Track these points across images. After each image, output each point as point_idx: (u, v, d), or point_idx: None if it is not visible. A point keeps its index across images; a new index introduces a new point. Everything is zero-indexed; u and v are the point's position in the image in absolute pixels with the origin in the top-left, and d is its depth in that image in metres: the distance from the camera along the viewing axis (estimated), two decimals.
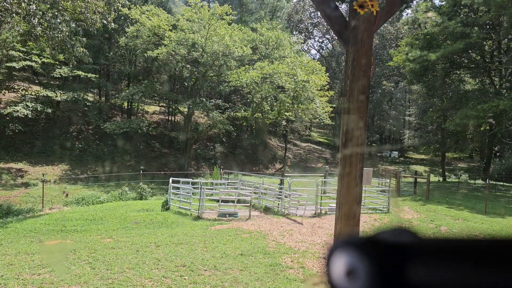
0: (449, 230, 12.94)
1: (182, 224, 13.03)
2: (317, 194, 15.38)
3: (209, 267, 8.56)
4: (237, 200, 15.21)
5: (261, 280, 7.87)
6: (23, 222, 13.10)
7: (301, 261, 9.21)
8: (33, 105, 27.79)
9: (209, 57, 28.97)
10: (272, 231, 12.08)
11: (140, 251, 9.67)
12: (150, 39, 30.35)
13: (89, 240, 10.79)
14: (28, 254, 9.36)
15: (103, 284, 7.47)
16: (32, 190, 22.53)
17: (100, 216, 13.83)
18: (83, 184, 25.53)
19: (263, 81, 29.58)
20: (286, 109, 31.55)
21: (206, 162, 36.43)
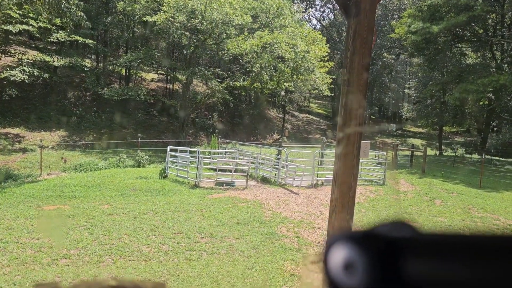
0: (443, 203, 13.11)
1: (179, 192, 13.15)
2: (314, 165, 15.47)
3: (206, 235, 8.70)
4: (234, 169, 15.29)
5: (257, 248, 8.02)
6: (22, 187, 13.19)
7: (297, 230, 9.36)
8: (30, 69, 27.46)
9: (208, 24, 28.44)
10: (269, 200, 12.22)
11: (137, 217, 9.80)
12: (149, 5, 29.71)
13: (87, 206, 10.90)
14: (27, 218, 9.47)
15: (101, 249, 7.60)
16: (30, 156, 22.57)
17: (98, 182, 13.93)
18: (81, 151, 25.57)
19: (262, 50, 29.19)
20: (286, 80, 31.29)
21: (204, 131, 36.42)
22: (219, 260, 7.34)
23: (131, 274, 6.54)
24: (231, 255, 7.62)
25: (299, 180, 14.59)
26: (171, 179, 15.11)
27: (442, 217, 11.29)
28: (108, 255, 7.35)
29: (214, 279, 6.49)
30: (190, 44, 31.30)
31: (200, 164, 14.56)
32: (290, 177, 15.28)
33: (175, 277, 6.50)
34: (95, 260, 7.08)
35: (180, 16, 27.74)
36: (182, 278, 6.48)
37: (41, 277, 6.30)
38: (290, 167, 15.63)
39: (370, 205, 12.51)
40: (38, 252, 7.34)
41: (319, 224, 9.90)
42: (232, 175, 14.88)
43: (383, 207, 12.24)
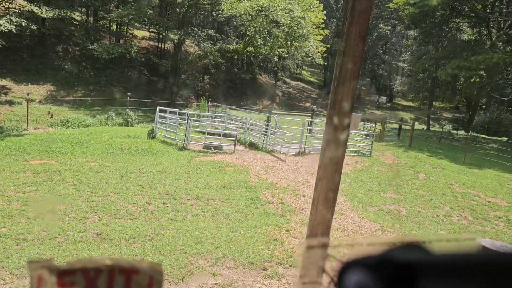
0: (426, 177, 13.37)
1: (167, 153, 13.16)
2: (302, 134, 15.54)
3: (192, 197, 8.79)
4: (223, 133, 15.30)
5: (241, 212, 8.15)
6: (7, 140, 13.06)
7: (281, 197, 9.50)
8: (17, 20, 26.57)
9: None
10: (255, 166, 12.32)
11: (124, 176, 9.83)
12: None
13: (74, 162, 10.88)
14: (13, 172, 9.44)
15: (87, 206, 7.65)
16: (17, 109, 22.24)
17: (86, 139, 13.83)
18: (69, 107, 25.24)
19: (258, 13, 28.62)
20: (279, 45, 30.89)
21: (194, 93, 36.08)
22: (204, 222, 7.46)
23: (117, 231, 6.62)
24: (216, 218, 7.74)
25: (286, 148, 14.68)
26: (159, 140, 15.08)
27: (424, 191, 11.54)
28: (94, 212, 7.40)
29: (199, 240, 6.61)
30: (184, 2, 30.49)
31: (188, 127, 14.51)
32: (278, 144, 15.36)
33: (160, 236, 6.61)
34: (81, 216, 7.14)
35: None
36: (166, 238, 6.59)
37: (27, 231, 6.34)
38: (278, 134, 15.68)
39: (355, 175, 12.70)
40: (24, 206, 7.36)
41: (304, 192, 10.05)
42: (221, 139, 14.89)
43: (367, 178, 12.44)
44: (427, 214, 9.46)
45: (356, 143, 17.76)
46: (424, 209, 9.79)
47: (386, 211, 9.36)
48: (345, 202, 9.69)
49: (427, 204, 10.23)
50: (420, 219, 9.05)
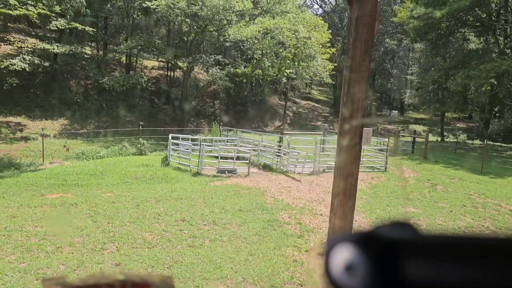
0: (444, 189, 13.14)
1: (181, 179, 13.19)
2: (315, 152, 15.48)
3: (208, 222, 8.75)
4: (236, 157, 15.31)
5: (259, 235, 8.07)
6: (24, 175, 13.25)
7: (298, 217, 9.40)
8: (30, 58, 27.37)
9: (209, 11, 28.22)
10: (271, 187, 12.26)
11: (140, 205, 9.85)
12: None
13: (90, 194, 10.96)
14: (30, 207, 9.53)
15: (104, 236, 7.66)
16: (32, 144, 22.63)
17: (101, 170, 13.97)
18: (83, 139, 25.61)
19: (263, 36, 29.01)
20: (287, 66, 31.14)
21: (205, 119, 36.38)
22: (222, 247, 7.40)
23: (135, 261, 6.60)
24: (234, 242, 7.67)
25: (300, 167, 14.61)
26: (173, 167, 15.15)
27: (443, 203, 11.32)
28: (112, 242, 7.40)
29: (217, 266, 6.54)
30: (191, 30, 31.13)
31: (202, 152, 14.58)
32: (292, 164, 15.30)
33: (178, 264, 6.56)
34: (99, 247, 7.14)
35: (180, 2, 27.52)
36: (185, 265, 6.54)
37: (46, 265, 6.36)
38: (292, 154, 15.64)
39: (372, 191, 12.54)
40: (42, 240, 7.40)
41: (321, 211, 9.94)
42: (234, 162, 14.90)
43: (384, 194, 12.27)
44: (448, 226, 9.26)
45: (371, 159, 17.61)
46: (444, 222, 9.59)
47: None
48: (363, 219, 9.54)
49: (447, 216, 10.02)
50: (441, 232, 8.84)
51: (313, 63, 30.68)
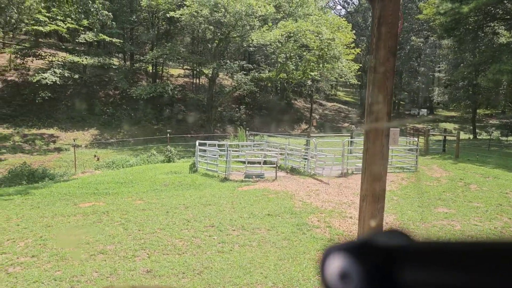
0: (478, 188, 12.73)
1: (209, 185, 13.28)
2: (343, 154, 15.30)
3: (237, 227, 8.76)
4: (263, 161, 15.31)
5: (288, 239, 8.02)
6: (57, 185, 13.64)
7: (328, 220, 9.30)
8: (60, 71, 28.26)
9: (232, 17, 28.43)
10: (299, 191, 12.18)
11: (170, 212, 9.96)
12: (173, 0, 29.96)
13: (121, 202, 11.16)
14: (64, 216, 9.79)
15: (136, 244, 7.78)
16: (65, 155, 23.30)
17: (131, 179, 14.23)
18: (113, 148, 26.17)
19: (287, 40, 28.97)
20: (311, 69, 30.98)
21: (231, 124, 36.58)
22: (251, 252, 7.39)
23: (166, 267, 6.67)
24: (263, 247, 7.65)
25: (328, 170, 14.47)
26: (201, 173, 15.28)
27: (478, 202, 10.97)
28: (143, 249, 7.51)
29: (247, 271, 6.53)
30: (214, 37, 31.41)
31: (229, 157, 14.64)
32: (319, 167, 15.17)
33: (208, 270, 6.59)
34: (130, 254, 7.25)
35: (204, 10, 27.83)
36: (215, 270, 6.55)
37: (80, 272, 6.50)
38: (319, 157, 15.51)
39: (402, 192, 12.28)
40: (76, 248, 7.58)
41: (351, 214, 9.80)
42: (261, 166, 14.90)
43: (415, 194, 11.99)
44: (483, 227, 8.95)
45: (401, 159, 17.27)
46: (480, 222, 9.28)
47: (439, 227, 8.93)
48: (395, 220, 9.34)
49: (483, 216, 9.69)
50: (477, 232, 8.57)
51: (337, 64, 30.40)
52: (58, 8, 27.39)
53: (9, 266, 6.85)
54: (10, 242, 8.02)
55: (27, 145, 25.44)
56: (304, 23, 28.26)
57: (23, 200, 11.65)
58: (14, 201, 11.61)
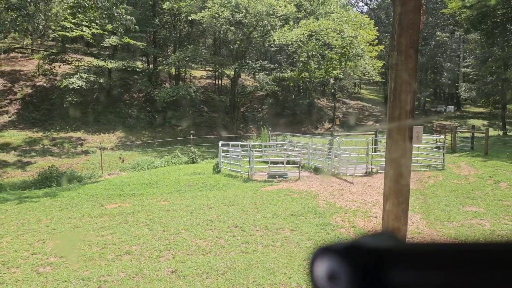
0: (509, 186, 12.35)
1: (233, 186, 13.32)
2: (367, 153, 15.10)
3: (261, 227, 8.75)
4: (286, 161, 15.26)
5: (312, 240, 7.97)
6: (85, 187, 13.95)
7: (352, 220, 9.19)
8: (86, 75, 28.91)
9: (253, 17, 28.47)
10: (322, 191, 12.09)
11: (194, 213, 10.04)
12: (194, 3, 30.22)
13: (146, 203, 11.33)
14: (91, 217, 10.00)
15: (160, 244, 7.88)
16: (92, 157, 23.81)
17: (155, 180, 14.42)
18: (138, 150, 26.59)
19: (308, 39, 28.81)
20: (334, 67, 30.71)
21: (254, 124, 36.63)
22: (275, 252, 7.37)
23: (190, 268, 6.72)
24: (287, 247, 7.62)
25: (352, 169, 14.30)
26: (224, 174, 15.34)
27: (508, 201, 10.64)
28: (168, 250, 7.59)
29: (271, 271, 6.52)
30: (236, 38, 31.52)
31: (252, 158, 14.66)
32: (343, 166, 15.02)
33: (232, 270, 6.61)
34: (155, 255, 7.34)
35: (225, 11, 27.96)
36: (239, 271, 6.57)
37: (107, 272, 6.62)
38: (343, 156, 15.35)
39: (429, 191, 12.03)
40: (103, 249, 7.73)
41: (376, 213, 9.66)
42: (284, 166, 14.85)
43: (443, 193, 11.73)
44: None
45: (427, 157, 16.92)
46: (510, 221, 9.00)
47: (468, 226, 8.71)
48: (421, 220, 9.16)
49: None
50: (508, 232, 8.31)
51: (360, 62, 30.04)
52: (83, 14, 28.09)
53: (39, 266, 7.04)
54: (40, 242, 8.24)
55: (55, 148, 26.12)
56: (325, 21, 28.04)
57: (52, 202, 11.96)
58: (44, 203, 11.93)
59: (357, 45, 28.57)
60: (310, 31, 28.12)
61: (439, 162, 15.92)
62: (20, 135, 27.16)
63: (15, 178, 18.80)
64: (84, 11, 22.10)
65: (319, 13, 32.94)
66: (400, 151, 2.83)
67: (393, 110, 2.97)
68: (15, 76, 32.19)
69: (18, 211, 10.91)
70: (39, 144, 26.30)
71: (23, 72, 32.87)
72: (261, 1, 27.70)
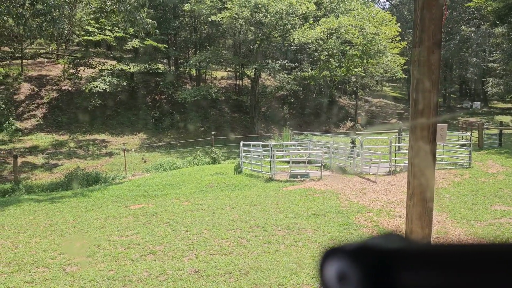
0: None
1: (254, 186, 13.33)
2: (390, 151, 14.88)
3: (283, 227, 8.73)
4: (308, 160, 15.18)
5: (335, 240, 7.89)
6: (110, 188, 14.19)
7: (376, 219, 9.07)
8: (109, 79, 29.44)
9: (272, 17, 28.42)
10: (345, 190, 11.97)
11: (216, 213, 10.09)
12: (214, 4, 30.38)
13: (169, 203, 11.45)
14: (116, 218, 10.16)
15: (183, 244, 7.94)
16: (116, 159, 24.22)
17: (178, 180, 14.56)
18: (161, 151, 26.90)
19: (329, 37, 28.58)
20: (355, 65, 30.37)
21: (275, 124, 36.57)
22: (297, 252, 7.33)
23: (213, 267, 6.75)
24: (309, 247, 7.57)
25: (375, 168, 14.12)
26: (245, 174, 15.37)
27: None
28: (191, 250, 7.65)
29: (293, 271, 6.49)
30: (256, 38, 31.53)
31: (273, 158, 14.64)
32: (366, 165, 14.84)
33: (254, 270, 6.61)
34: (178, 255, 7.41)
35: (244, 11, 28.00)
36: (261, 271, 6.56)
37: (132, 272, 6.72)
38: (365, 155, 15.17)
39: (455, 189, 11.77)
40: (127, 249, 7.84)
41: (400, 212, 9.51)
42: (306, 166, 14.78)
43: (469, 192, 11.45)
44: None
45: (453, 155, 16.56)
46: None
47: (497, 226, 8.47)
48: (447, 219, 8.96)
49: None
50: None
51: (382, 59, 29.61)
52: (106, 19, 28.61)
53: (66, 265, 7.20)
54: (68, 243, 8.43)
55: (81, 150, 26.68)
56: (346, 19, 27.75)
57: (78, 203, 12.22)
58: (71, 203, 12.20)
59: (379, 42, 28.18)
60: (330, 29, 27.88)
61: (465, 160, 15.56)
62: (47, 138, 27.85)
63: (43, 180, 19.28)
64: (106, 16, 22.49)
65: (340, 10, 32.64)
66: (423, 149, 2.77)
67: (415, 107, 2.91)
68: (42, 81, 33.04)
69: (46, 212, 11.19)
70: (65, 146, 26.92)
71: (49, 76, 33.70)
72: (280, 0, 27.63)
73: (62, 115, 30.70)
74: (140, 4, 18.79)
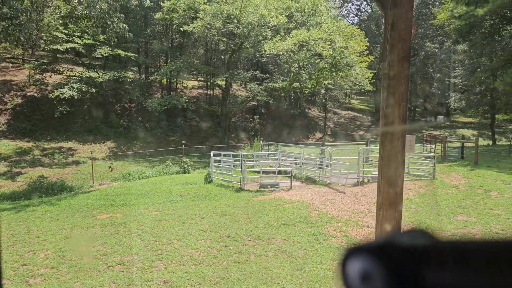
0: (499, 195, 12.47)
1: (224, 196, 13.29)
2: (359, 163, 15.18)
3: (253, 237, 8.73)
4: (278, 171, 15.28)
5: (305, 249, 7.96)
6: (76, 197, 13.82)
7: (344, 229, 9.21)
8: (77, 86, 28.79)
9: (244, 28, 28.64)
10: (314, 200, 12.11)
11: (186, 223, 9.99)
12: (186, 13, 30.34)
13: (138, 213, 11.25)
14: (83, 228, 9.90)
15: (152, 254, 7.81)
16: (82, 167, 23.62)
17: (147, 190, 14.34)
18: (129, 160, 26.44)
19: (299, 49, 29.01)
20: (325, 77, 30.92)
21: (246, 134, 36.67)
22: (267, 262, 7.35)
23: (182, 278, 6.67)
24: (279, 257, 7.61)
25: (344, 178, 14.36)
26: (216, 184, 15.31)
27: (499, 210, 10.74)
28: (160, 260, 7.54)
29: (264, 281, 6.50)
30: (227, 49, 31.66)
31: (243, 168, 14.65)
32: (335, 176, 15.07)
33: (225, 280, 6.57)
34: (147, 265, 7.29)
35: (217, 22, 28.11)
36: (232, 281, 6.54)
37: (99, 283, 6.55)
38: (334, 166, 15.41)
39: (420, 200, 12.11)
40: (94, 260, 7.65)
41: (367, 222, 9.69)
42: (276, 176, 14.86)
43: (434, 202, 11.81)
44: (506, 235, 8.75)
45: (418, 167, 17.05)
46: (502, 230, 9.08)
47: (459, 236, 8.77)
48: None
49: (505, 224, 9.48)
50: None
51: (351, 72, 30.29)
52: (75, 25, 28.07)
53: (30, 277, 6.95)
54: (31, 253, 8.14)
55: (46, 158, 25.87)
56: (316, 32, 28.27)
57: (43, 213, 11.83)
58: (35, 213, 11.80)
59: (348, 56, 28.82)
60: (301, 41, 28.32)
61: (429, 172, 16.05)
62: (11, 145, 26.87)
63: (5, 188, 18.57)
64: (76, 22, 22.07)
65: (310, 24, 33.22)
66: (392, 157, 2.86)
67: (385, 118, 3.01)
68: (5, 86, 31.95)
69: (8, 222, 10.77)
70: (30, 154, 26.04)
71: (14, 82, 32.64)
72: (253, 12, 27.90)
73: (27, 121, 29.72)
74: (112, 9, 18.53)
